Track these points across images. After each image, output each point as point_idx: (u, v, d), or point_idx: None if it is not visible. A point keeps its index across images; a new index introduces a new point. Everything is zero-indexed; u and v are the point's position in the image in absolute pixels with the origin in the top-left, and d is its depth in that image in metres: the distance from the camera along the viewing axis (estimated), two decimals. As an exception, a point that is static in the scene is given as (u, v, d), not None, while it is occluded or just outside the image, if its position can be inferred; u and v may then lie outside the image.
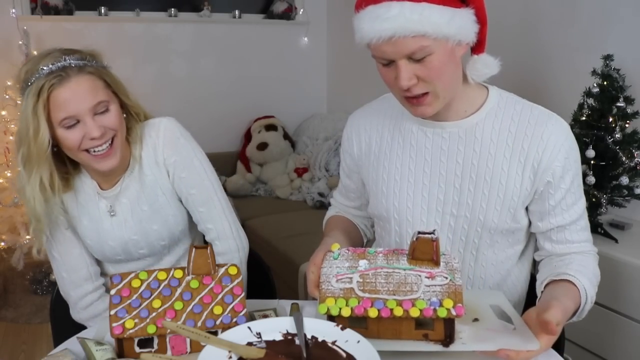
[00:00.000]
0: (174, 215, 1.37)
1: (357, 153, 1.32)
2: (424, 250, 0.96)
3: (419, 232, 0.96)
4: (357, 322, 0.94)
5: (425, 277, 0.94)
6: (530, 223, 1.22)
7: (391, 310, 0.91)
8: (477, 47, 1.10)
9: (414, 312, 0.91)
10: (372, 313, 0.91)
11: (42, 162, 1.18)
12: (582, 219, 1.20)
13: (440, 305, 0.92)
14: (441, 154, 1.19)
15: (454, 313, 0.91)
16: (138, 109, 1.31)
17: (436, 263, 0.96)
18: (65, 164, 1.28)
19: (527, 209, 1.20)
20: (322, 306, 0.93)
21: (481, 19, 1.07)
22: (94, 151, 1.20)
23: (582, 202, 1.20)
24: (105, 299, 1.37)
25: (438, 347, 0.93)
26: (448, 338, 0.94)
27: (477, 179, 1.16)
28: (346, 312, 0.92)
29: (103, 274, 1.44)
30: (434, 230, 0.97)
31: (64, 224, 1.33)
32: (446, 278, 0.94)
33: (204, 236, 1.50)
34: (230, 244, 1.41)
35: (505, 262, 1.24)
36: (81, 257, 1.38)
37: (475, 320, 1.02)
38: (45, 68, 1.13)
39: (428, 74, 1.04)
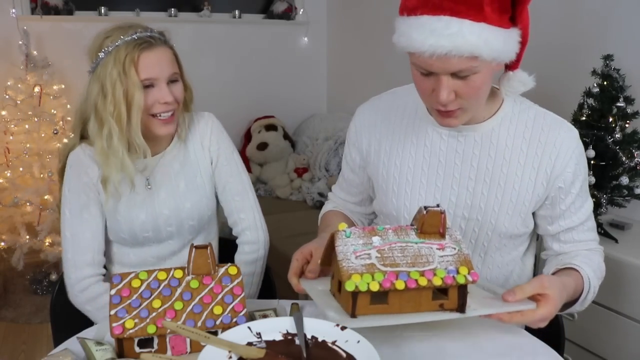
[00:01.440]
0: (207, 198, 1.45)
1: (366, 149, 1.30)
2: (433, 224, 0.98)
3: (426, 207, 0.98)
4: (378, 299, 0.93)
5: (437, 248, 0.96)
6: (535, 225, 1.24)
7: (416, 280, 0.92)
8: (514, 64, 1.10)
9: (437, 281, 0.93)
10: (400, 285, 0.91)
11: (138, 113, 1.27)
12: (590, 220, 1.24)
13: (457, 272, 0.94)
14: (456, 157, 1.19)
15: (470, 279, 0.94)
16: (191, 90, 1.42)
17: (442, 235, 0.98)
18: None
19: (533, 213, 1.22)
20: (349, 283, 0.90)
21: (524, 39, 1.06)
22: (160, 116, 1.31)
23: (589, 204, 1.23)
24: (102, 283, 1.38)
25: (455, 315, 0.96)
26: (461, 306, 0.96)
27: (490, 184, 1.17)
28: (374, 287, 0.91)
29: (120, 263, 1.45)
30: (438, 205, 0.99)
31: (95, 202, 1.36)
32: (454, 248, 0.97)
33: (219, 239, 1.56)
34: (260, 235, 1.51)
35: (510, 263, 1.26)
36: (92, 241, 1.38)
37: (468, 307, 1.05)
38: (134, 35, 1.26)
39: (467, 91, 1.04)
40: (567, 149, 1.15)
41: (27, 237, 2.93)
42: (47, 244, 2.93)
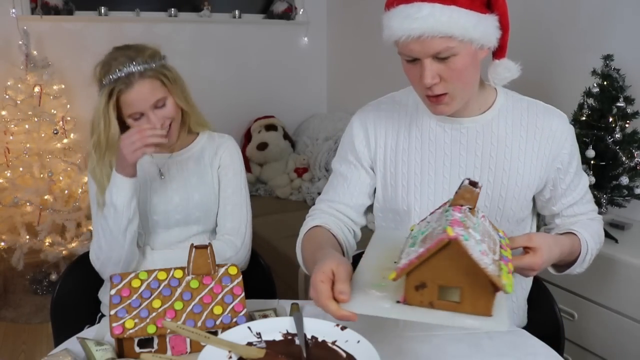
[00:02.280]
0: (215, 195, 1.54)
1: (373, 144, 1.30)
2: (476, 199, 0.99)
3: (470, 184, 0.97)
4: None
5: (483, 221, 0.98)
6: (540, 209, 1.32)
7: (508, 257, 0.93)
8: (499, 52, 1.16)
9: (510, 252, 0.96)
10: (512, 267, 0.92)
11: (112, 149, 1.42)
12: (588, 193, 1.32)
13: (504, 237, 0.99)
14: (460, 148, 1.24)
15: (507, 238, 1.01)
16: (189, 109, 1.51)
17: (473, 208, 0.99)
18: None
19: (533, 197, 1.29)
20: (508, 286, 0.85)
21: (504, 26, 1.12)
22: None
23: (585, 179, 1.31)
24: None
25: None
26: None
27: (496, 170, 1.23)
28: (510, 279, 0.88)
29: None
30: (469, 179, 0.99)
31: None
32: (485, 217, 0.99)
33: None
34: (235, 243, 1.50)
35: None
36: None
37: None
38: (113, 76, 1.38)
39: (450, 74, 1.09)
40: (561, 132, 1.23)
41: (27, 237, 2.93)
42: (47, 244, 2.93)
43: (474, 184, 0.97)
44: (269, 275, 1.65)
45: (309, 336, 0.91)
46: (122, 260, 1.41)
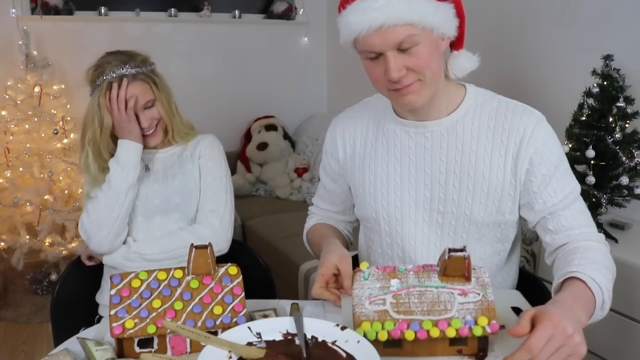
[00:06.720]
0: (195, 182, 1.61)
1: (342, 157, 1.34)
2: (456, 268, 0.94)
3: (450, 250, 0.93)
4: (392, 343, 0.92)
5: (458, 294, 0.92)
6: (520, 219, 1.25)
7: (427, 331, 0.89)
8: (457, 43, 1.16)
9: (450, 332, 0.89)
10: (409, 336, 0.89)
11: (107, 141, 1.54)
12: (576, 204, 1.19)
13: (475, 323, 0.90)
14: (425, 153, 1.21)
15: (489, 331, 0.90)
16: (172, 118, 1.61)
17: (467, 279, 0.94)
18: None
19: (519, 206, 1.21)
20: (358, 330, 0.90)
21: (460, 14, 1.12)
22: (144, 132, 1.56)
23: (572, 187, 1.19)
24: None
25: None
26: (482, 352, 0.93)
27: (461, 175, 1.19)
28: (383, 336, 0.89)
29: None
30: (465, 247, 0.95)
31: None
32: (478, 294, 0.92)
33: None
34: (212, 223, 1.56)
35: (493, 256, 1.26)
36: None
37: (502, 327, 0.97)
38: (108, 76, 1.49)
39: (417, 63, 1.07)
40: (530, 132, 1.15)
41: (27, 237, 2.93)
42: (47, 244, 2.93)
43: (458, 250, 0.93)
44: (269, 275, 1.65)
45: (309, 336, 0.91)
46: (116, 221, 1.50)
